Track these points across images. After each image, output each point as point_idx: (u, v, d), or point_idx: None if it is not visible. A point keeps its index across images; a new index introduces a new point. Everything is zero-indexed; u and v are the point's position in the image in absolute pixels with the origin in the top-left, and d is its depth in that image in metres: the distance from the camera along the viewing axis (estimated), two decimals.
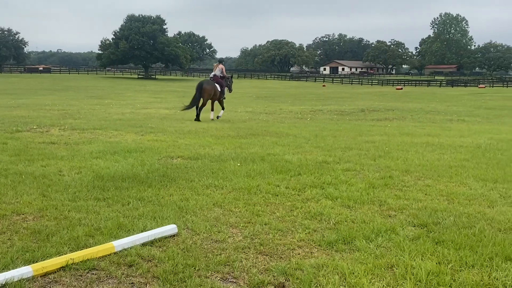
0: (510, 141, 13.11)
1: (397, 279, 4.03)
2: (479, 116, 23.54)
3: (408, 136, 14.17)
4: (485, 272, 4.18)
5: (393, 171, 8.62)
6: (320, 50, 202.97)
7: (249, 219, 5.66)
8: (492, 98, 42.91)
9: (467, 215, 5.91)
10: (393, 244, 4.83)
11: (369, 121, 19.93)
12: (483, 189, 7.35)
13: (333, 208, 6.15)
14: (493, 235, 5.11)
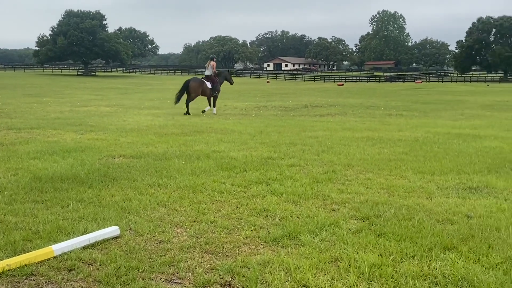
0: (446, 135, 13.65)
1: (341, 272, 4.10)
2: (416, 110, 24.35)
3: (349, 131, 14.48)
4: (425, 262, 4.32)
5: (336, 165, 8.78)
6: (263, 46, 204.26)
7: (194, 217, 5.60)
8: (428, 93, 44.53)
9: (407, 207, 6.10)
10: (336, 238, 4.91)
11: (313, 117, 20.21)
12: (421, 182, 7.61)
13: (278, 204, 6.19)
14: (432, 226, 5.30)
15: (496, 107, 27.28)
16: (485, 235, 5.03)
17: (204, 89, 20.13)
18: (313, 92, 45.76)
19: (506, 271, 4.14)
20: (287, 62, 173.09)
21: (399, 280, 3.97)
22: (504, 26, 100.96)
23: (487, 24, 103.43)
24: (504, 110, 25.00)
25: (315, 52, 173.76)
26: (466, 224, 5.39)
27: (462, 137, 12.97)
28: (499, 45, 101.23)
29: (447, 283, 3.92)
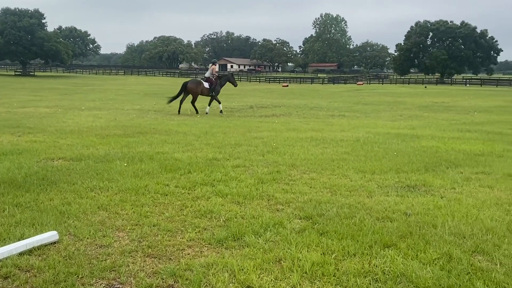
0: (385, 135, 14.05)
1: (284, 272, 4.13)
2: (358, 111, 24.96)
3: (294, 131, 14.65)
4: (366, 260, 4.42)
5: (280, 166, 8.86)
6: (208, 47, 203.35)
7: (136, 221, 5.49)
8: (369, 94, 45.74)
9: (349, 205, 6.23)
10: (280, 238, 4.95)
11: (258, 118, 20.31)
12: (362, 180, 7.80)
13: (223, 205, 6.17)
14: (372, 224, 5.44)
15: (433, 108, 28.35)
16: (423, 231, 5.21)
17: (202, 89, 21.84)
18: (258, 93, 45.99)
19: (442, 266, 4.30)
20: (232, 63, 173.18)
21: (341, 278, 4.04)
22: (440, 30, 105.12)
23: (424, 28, 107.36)
24: (441, 111, 26.02)
25: (260, 54, 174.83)
26: (404, 221, 5.56)
27: (401, 137, 13.39)
28: (436, 48, 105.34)
29: (386, 279, 4.03)
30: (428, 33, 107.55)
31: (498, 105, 30.91)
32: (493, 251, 4.65)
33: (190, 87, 21.62)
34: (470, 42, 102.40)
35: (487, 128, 16.45)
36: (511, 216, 5.87)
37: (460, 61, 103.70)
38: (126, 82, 71.91)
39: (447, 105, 30.72)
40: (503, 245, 4.82)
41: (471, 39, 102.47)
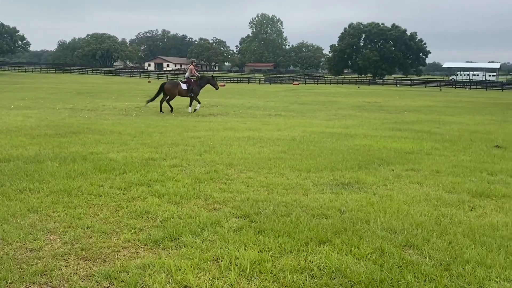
0: (321, 134, 14.35)
1: (222, 271, 4.13)
2: (294, 111, 25.33)
3: (231, 131, 14.67)
4: (302, 256, 4.50)
5: (218, 165, 8.85)
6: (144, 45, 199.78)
7: (69, 223, 5.31)
8: (305, 94, 46.53)
9: (285, 203, 6.31)
10: (218, 237, 4.95)
11: (195, 117, 20.17)
12: (298, 179, 7.93)
13: (160, 206, 6.09)
14: (308, 221, 5.54)
15: (366, 107, 29.22)
16: (356, 227, 5.36)
17: (180, 90, 22.33)
18: None
19: (375, 261, 4.44)
20: (168, 62, 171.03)
21: (277, 275, 4.10)
22: (372, 32, 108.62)
23: (357, 30, 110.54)
24: (373, 110, 26.86)
25: (197, 53, 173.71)
26: (339, 218, 5.71)
27: (335, 136, 13.72)
28: (368, 50, 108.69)
29: (322, 275, 4.12)
30: (361, 34, 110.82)
31: (427, 105, 32.29)
32: (422, 245, 4.86)
33: (167, 87, 22.25)
34: (400, 44, 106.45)
35: (417, 127, 17.15)
36: (439, 211, 6.15)
37: (391, 63, 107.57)
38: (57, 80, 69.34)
39: (379, 105, 31.75)
40: (432, 239, 5.05)
41: (401, 41, 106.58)
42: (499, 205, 6.51)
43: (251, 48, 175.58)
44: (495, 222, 5.68)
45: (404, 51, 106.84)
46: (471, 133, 14.98)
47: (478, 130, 15.98)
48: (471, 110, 27.93)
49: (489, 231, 5.31)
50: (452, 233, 5.22)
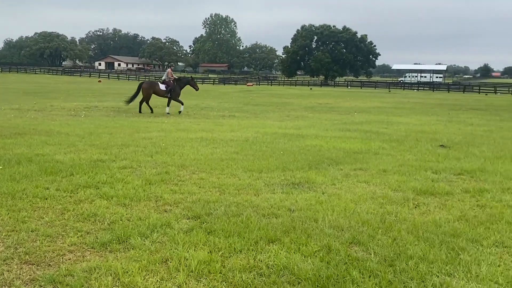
0: (273, 134, 14.47)
1: (170, 272, 4.11)
2: (247, 112, 25.41)
3: (184, 131, 14.57)
4: (251, 255, 4.54)
5: (169, 166, 8.78)
6: (94, 44, 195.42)
7: (13, 227, 5.15)
8: (258, 95, 46.76)
9: (236, 204, 6.34)
10: (168, 238, 4.92)
11: (147, 118, 19.92)
12: (250, 179, 7.97)
13: (108, 208, 5.99)
14: (259, 221, 5.58)
15: (317, 109, 29.65)
16: (305, 226, 5.45)
17: (156, 90, 22.60)
18: None
19: (322, 258, 4.53)
20: (120, 61, 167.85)
21: (227, 274, 4.11)
22: (324, 34, 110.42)
23: (309, 32, 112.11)
24: (324, 111, 27.29)
25: (149, 52, 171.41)
26: (289, 217, 5.78)
27: (287, 137, 13.87)
28: (320, 52, 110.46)
29: (270, 273, 4.17)
30: (313, 36, 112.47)
31: (376, 106, 33.07)
32: (368, 242, 4.99)
33: (143, 87, 22.66)
34: (351, 47, 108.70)
35: (365, 127, 17.54)
36: (385, 209, 6.33)
37: (343, 64, 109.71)
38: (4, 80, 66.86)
39: (330, 106, 32.28)
40: (377, 236, 5.19)
41: (352, 43, 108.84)
42: (442, 203, 6.75)
43: (205, 48, 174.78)
44: (438, 219, 5.90)
45: (355, 53, 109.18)
46: (418, 133, 15.46)
47: (424, 130, 16.50)
48: (418, 110, 28.80)
49: (432, 228, 5.51)
50: (396, 230, 5.38)
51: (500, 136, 15.12)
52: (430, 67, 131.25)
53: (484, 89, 75.10)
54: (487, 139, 14.29)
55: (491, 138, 14.59)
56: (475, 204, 6.69)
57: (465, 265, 4.42)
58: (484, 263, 4.47)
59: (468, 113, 27.74)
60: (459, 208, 6.43)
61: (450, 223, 5.71)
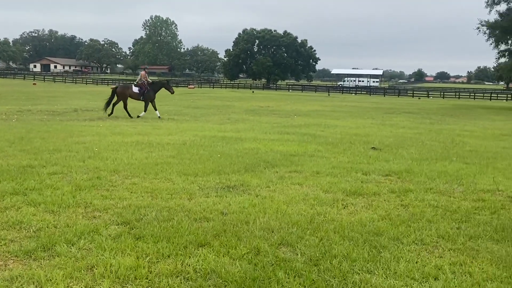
0: (212, 138, 14.48)
1: (96, 279, 4.07)
2: (187, 115, 25.27)
3: (119, 135, 14.33)
4: (179, 260, 4.56)
5: (101, 171, 8.63)
6: (29, 45, 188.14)
7: None
8: (200, 98, 46.59)
9: (168, 208, 6.33)
10: (95, 245, 4.85)
11: (82, 122, 19.43)
12: (184, 183, 7.96)
13: (35, 215, 5.83)
14: (190, 225, 5.61)
15: (258, 112, 29.89)
16: (236, 229, 5.52)
17: (130, 93, 22.46)
18: (84, 96, 43.94)
19: (250, 260, 4.62)
20: (56, 63, 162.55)
21: (153, 279, 4.12)
22: (265, 38, 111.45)
23: (251, 36, 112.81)
24: (265, 114, 27.55)
25: (87, 54, 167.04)
26: (220, 220, 5.84)
27: (226, 140, 13.92)
28: (262, 55, 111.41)
29: (197, 277, 4.21)
30: (254, 40, 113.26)
31: (315, 109, 33.73)
32: (296, 243, 5.13)
33: (118, 90, 22.64)
34: (292, 51, 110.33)
35: (304, 130, 17.87)
36: (315, 210, 6.50)
37: (284, 68, 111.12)
38: None
39: (271, 109, 32.63)
40: (306, 236, 5.34)
41: (293, 48, 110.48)
42: (369, 203, 7.02)
43: (145, 50, 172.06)
44: (364, 218, 6.13)
45: (296, 58, 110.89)
46: (352, 136, 15.93)
47: (358, 133, 17.02)
48: (355, 114, 29.63)
49: (357, 227, 5.72)
50: (324, 230, 5.55)
51: (428, 139, 15.83)
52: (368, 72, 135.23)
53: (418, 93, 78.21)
54: (416, 141, 14.92)
55: (420, 140, 15.25)
56: (399, 204, 7.00)
57: (385, 263, 4.63)
58: (403, 260, 4.70)
59: (401, 116, 28.82)
60: (384, 208, 6.71)
61: (375, 223, 5.95)
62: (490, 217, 6.43)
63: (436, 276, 4.36)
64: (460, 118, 28.38)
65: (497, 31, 47.51)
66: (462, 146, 14.18)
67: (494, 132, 19.58)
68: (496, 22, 47.92)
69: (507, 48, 49.78)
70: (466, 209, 6.78)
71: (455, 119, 27.83)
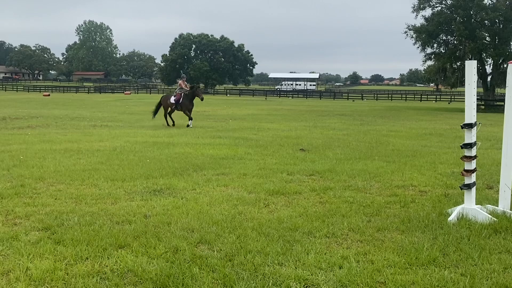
0: (144, 143, 14.49)
1: (11, 283, 4.13)
2: (122, 121, 24.98)
3: (48, 143, 14.06)
4: (97, 261, 4.67)
5: (26, 179, 8.52)
6: None
7: None
8: (136, 104, 45.99)
9: (91, 213, 6.40)
10: (13, 251, 4.88)
11: (10, 130, 18.83)
12: (111, 188, 8.02)
13: None
14: (111, 228, 5.71)
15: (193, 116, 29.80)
16: (157, 230, 5.68)
17: (169, 103, 22.90)
18: (14, 103, 42.39)
19: (168, 258, 4.79)
20: None
21: (69, 281, 4.22)
22: (202, 43, 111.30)
23: (187, 40, 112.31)
24: (201, 119, 27.58)
25: (18, 60, 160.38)
26: (142, 222, 5.98)
27: (157, 145, 13.98)
28: (199, 60, 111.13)
29: (114, 276, 4.34)
30: (191, 45, 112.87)
31: (251, 113, 34.16)
32: (214, 240, 5.35)
33: (162, 99, 23.57)
34: (229, 55, 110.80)
35: (237, 134, 18.16)
36: (237, 209, 6.76)
37: (221, 73, 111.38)
38: None
39: (207, 114, 32.74)
40: (224, 234, 5.57)
41: (230, 52, 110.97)
42: (289, 201, 7.36)
43: (79, 56, 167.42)
44: (282, 215, 6.44)
45: (233, 62, 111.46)
46: (283, 139, 16.37)
47: (289, 136, 17.49)
48: (289, 117, 30.29)
49: (275, 224, 6.02)
50: (243, 228, 5.80)
51: (355, 139, 16.52)
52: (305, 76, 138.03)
53: (352, 96, 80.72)
54: (343, 142, 15.55)
55: (347, 141, 15.89)
56: (318, 201, 7.38)
57: (296, 255, 4.94)
58: (313, 252, 5.03)
59: (334, 118, 29.73)
60: (303, 205, 7.06)
61: (292, 219, 6.28)
62: (400, 210, 6.92)
63: (341, 265, 4.70)
64: (390, 119, 29.63)
65: (423, 35, 49.86)
66: (386, 145, 14.91)
67: (418, 132, 20.65)
68: (422, 26, 50.30)
69: (433, 51, 52.32)
70: (379, 203, 7.25)
71: (385, 120, 29.02)
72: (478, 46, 47.05)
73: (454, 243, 5.36)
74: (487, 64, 51.45)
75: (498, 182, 7.04)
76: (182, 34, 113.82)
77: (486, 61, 51.09)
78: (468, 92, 6.47)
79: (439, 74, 53.91)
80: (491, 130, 20.65)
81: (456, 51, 49.56)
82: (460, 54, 48.52)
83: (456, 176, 9.26)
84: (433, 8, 50.75)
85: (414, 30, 50.58)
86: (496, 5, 46.86)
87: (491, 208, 6.61)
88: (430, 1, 50.24)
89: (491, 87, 51.60)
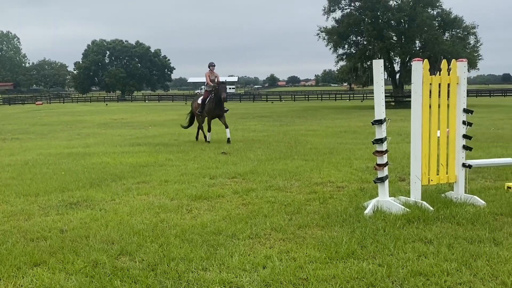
0: (58, 155, 13.88)
1: None
2: (34, 133, 23.83)
3: None
4: (11, 282, 4.42)
5: None
6: None
7: None
8: (48, 114, 44.02)
9: (3, 231, 6.04)
10: None
11: None
12: (23, 204, 7.61)
13: None
14: (25, 246, 5.42)
15: (111, 125, 29.13)
16: (75, 245, 5.46)
17: (195, 106, 17.18)
18: None
19: (87, 273, 4.62)
20: None
21: None
22: (117, 49, 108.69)
23: (101, 47, 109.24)
24: (118, 127, 26.95)
25: None
26: (59, 238, 5.72)
27: (72, 156, 13.44)
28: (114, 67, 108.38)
29: None
30: (105, 51, 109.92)
31: (171, 119, 33.74)
32: (136, 251, 5.22)
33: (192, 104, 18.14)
34: (146, 61, 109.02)
35: (157, 140, 17.87)
36: (159, 217, 6.64)
37: (139, 79, 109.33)
38: None
39: (126, 121, 32.00)
40: (146, 244, 5.45)
41: (146, 58, 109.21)
42: (212, 205, 7.34)
43: None
44: (206, 220, 6.41)
45: (150, 68, 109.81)
46: (204, 143, 16.31)
47: (211, 139, 17.45)
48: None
49: (198, 229, 5.98)
50: (165, 236, 5.71)
51: (275, 140, 16.79)
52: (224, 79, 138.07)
53: (271, 97, 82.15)
54: (264, 143, 15.75)
55: (267, 142, 16.12)
56: (241, 203, 7.42)
57: (220, 259, 4.93)
58: (237, 254, 5.04)
59: (254, 120, 30.08)
60: (226, 208, 7.07)
61: (216, 223, 6.26)
62: (319, 206, 7.11)
63: (265, 265, 4.75)
64: (307, 119, 30.43)
65: (334, 36, 51.71)
66: (304, 144, 15.28)
67: (334, 130, 21.37)
68: (333, 28, 52.20)
69: (344, 52, 54.38)
70: (299, 201, 7.41)
71: (302, 120, 29.77)
72: (386, 46, 49.54)
73: (371, 235, 5.58)
74: (395, 63, 54.30)
75: (409, 174, 7.41)
76: (95, 41, 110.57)
77: (394, 60, 53.88)
78: (376, 90, 6.78)
79: (351, 73, 56.16)
80: (401, 125, 21.78)
81: (366, 51, 51.86)
82: (370, 54, 50.86)
83: (371, 171, 9.66)
84: (342, 10, 52.82)
85: (326, 32, 52.37)
86: (401, 6, 49.55)
87: (404, 199, 6.95)
88: (339, 4, 52.23)
89: (400, 84, 54.40)
